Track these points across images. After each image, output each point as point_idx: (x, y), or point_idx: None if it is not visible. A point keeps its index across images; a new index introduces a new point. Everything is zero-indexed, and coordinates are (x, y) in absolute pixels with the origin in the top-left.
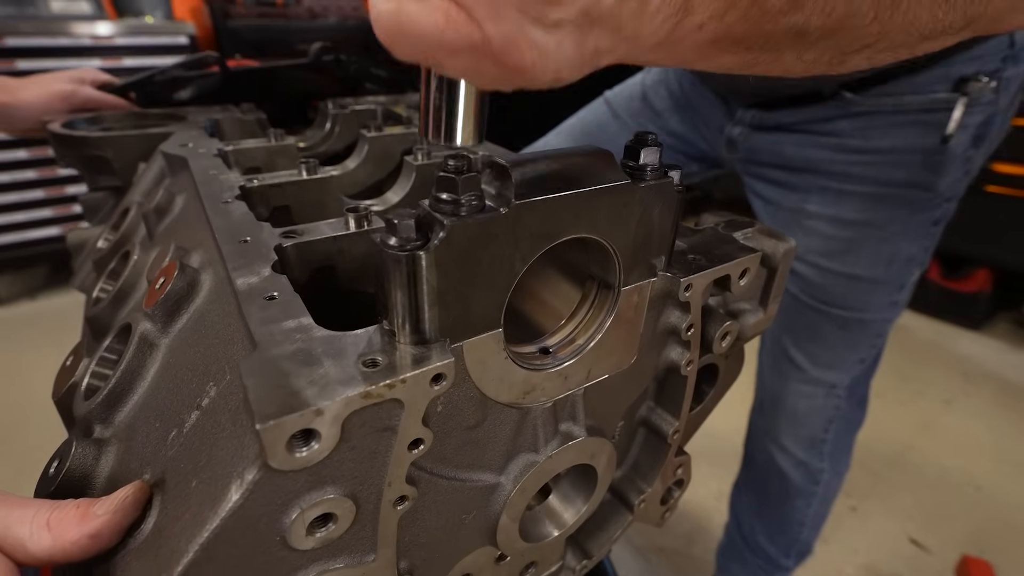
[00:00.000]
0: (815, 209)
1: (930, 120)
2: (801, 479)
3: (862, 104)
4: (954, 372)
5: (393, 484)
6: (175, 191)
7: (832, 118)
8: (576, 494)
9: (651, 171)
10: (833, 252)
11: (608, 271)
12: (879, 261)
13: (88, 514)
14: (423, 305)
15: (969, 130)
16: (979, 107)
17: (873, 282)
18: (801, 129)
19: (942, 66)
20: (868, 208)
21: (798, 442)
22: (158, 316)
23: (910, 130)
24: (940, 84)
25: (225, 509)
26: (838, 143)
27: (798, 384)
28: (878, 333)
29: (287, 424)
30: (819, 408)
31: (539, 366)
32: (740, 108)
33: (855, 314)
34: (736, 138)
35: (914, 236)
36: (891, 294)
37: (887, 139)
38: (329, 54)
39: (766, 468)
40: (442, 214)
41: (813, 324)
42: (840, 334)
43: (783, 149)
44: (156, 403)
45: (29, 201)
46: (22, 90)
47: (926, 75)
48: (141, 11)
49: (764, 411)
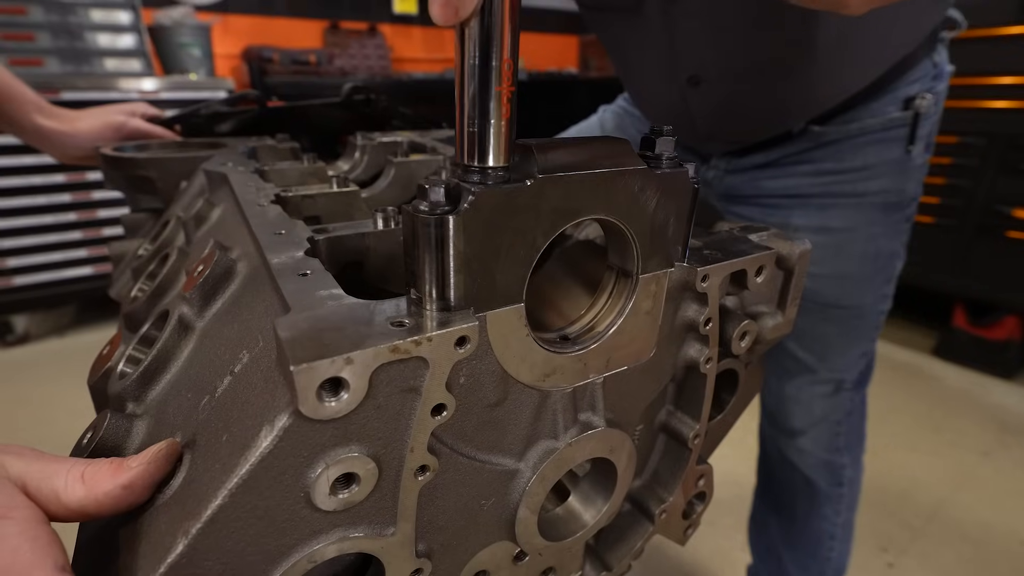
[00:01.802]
0: (800, 223)
1: (891, 136)
2: (826, 481)
3: (829, 134)
4: (990, 422)
5: (415, 451)
6: (214, 201)
7: (804, 151)
8: (596, 494)
9: (667, 160)
10: (821, 259)
11: (626, 258)
12: (866, 259)
13: (122, 467)
14: (449, 270)
15: (923, 139)
16: (927, 119)
17: (863, 279)
18: (776, 164)
19: (891, 91)
20: (849, 216)
21: (817, 440)
22: (195, 300)
23: (876, 147)
24: (892, 106)
25: (255, 455)
26: (814, 168)
27: (810, 386)
28: (876, 325)
29: (319, 369)
30: (834, 406)
31: (559, 349)
32: (712, 156)
33: (854, 310)
34: (711, 180)
35: (892, 234)
36: (881, 287)
37: (859, 158)
38: (360, 94)
39: (788, 482)
40: (470, 183)
41: (816, 325)
42: (842, 330)
43: (761, 184)
44: (189, 379)
45: (67, 242)
46: (79, 120)
47: (880, 101)
48: (186, 69)
49: (776, 420)
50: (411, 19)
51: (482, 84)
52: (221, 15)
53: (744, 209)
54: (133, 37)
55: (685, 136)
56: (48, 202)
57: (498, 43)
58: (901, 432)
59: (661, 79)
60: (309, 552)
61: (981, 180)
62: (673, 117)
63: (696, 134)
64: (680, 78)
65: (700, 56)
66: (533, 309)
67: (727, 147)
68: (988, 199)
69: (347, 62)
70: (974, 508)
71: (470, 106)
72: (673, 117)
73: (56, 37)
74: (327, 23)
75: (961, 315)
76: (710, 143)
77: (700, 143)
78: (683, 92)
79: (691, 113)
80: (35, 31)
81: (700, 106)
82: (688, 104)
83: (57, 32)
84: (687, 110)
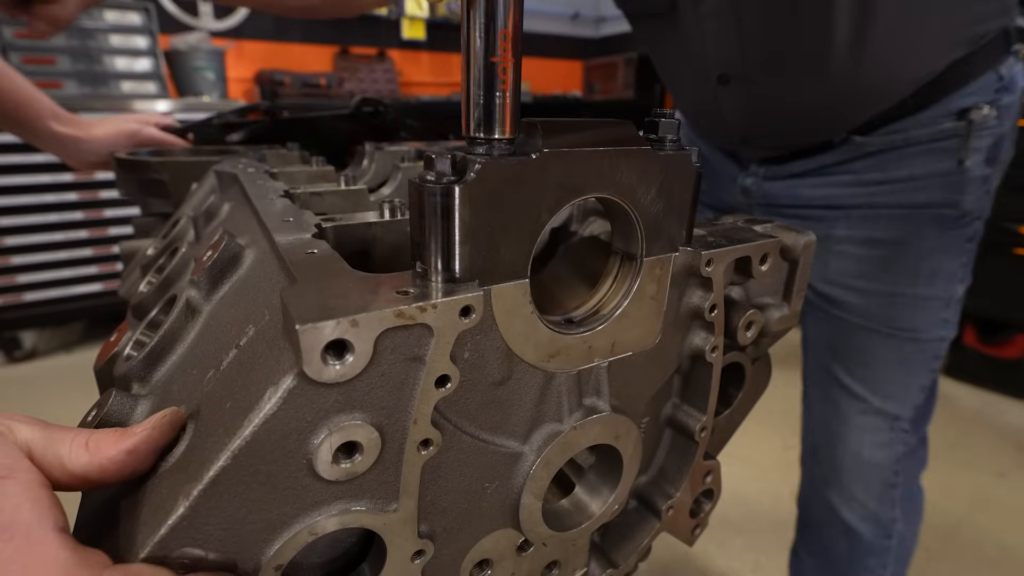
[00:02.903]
0: (844, 233)
1: (941, 147)
2: (872, 533)
3: (872, 144)
4: (1005, 443)
5: (419, 423)
6: (224, 199)
7: (845, 161)
8: (602, 484)
9: (670, 142)
10: (869, 273)
11: (631, 241)
12: (920, 277)
13: (126, 433)
14: (455, 240)
15: (981, 152)
16: (985, 131)
17: (918, 298)
18: (816, 173)
19: (941, 104)
20: (897, 227)
21: (868, 489)
22: (203, 283)
23: (924, 158)
24: (943, 117)
25: (259, 416)
26: (855, 179)
27: (859, 417)
28: (935, 355)
29: (324, 329)
30: (886, 445)
31: (564, 329)
32: (751, 163)
33: (907, 334)
34: (750, 187)
35: (952, 253)
36: (940, 311)
37: (903, 168)
38: (368, 106)
39: (828, 526)
40: (476, 155)
41: (865, 346)
42: (895, 357)
43: (800, 192)
44: (194, 358)
45: (78, 259)
46: (94, 127)
47: (928, 113)
48: (200, 91)
49: (820, 458)
50: (419, 44)
51: (485, 55)
52: (235, 40)
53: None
54: (149, 61)
55: (721, 139)
56: (60, 219)
57: (502, 14)
58: None
59: (694, 79)
60: (310, 523)
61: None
62: (707, 117)
63: (729, 135)
64: (711, 77)
65: (727, 53)
66: (539, 303)
67: (764, 153)
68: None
69: (356, 85)
70: (991, 530)
71: (474, 77)
72: (707, 117)
73: (76, 60)
74: (337, 48)
75: (971, 334)
76: (747, 148)
77: (737, 147)
78: (714, 91)
79: (723, 114)
80: (56, 55)
81: (730, 105)
82: (719, 104)
83: (77, 56)
84: (719, 110)
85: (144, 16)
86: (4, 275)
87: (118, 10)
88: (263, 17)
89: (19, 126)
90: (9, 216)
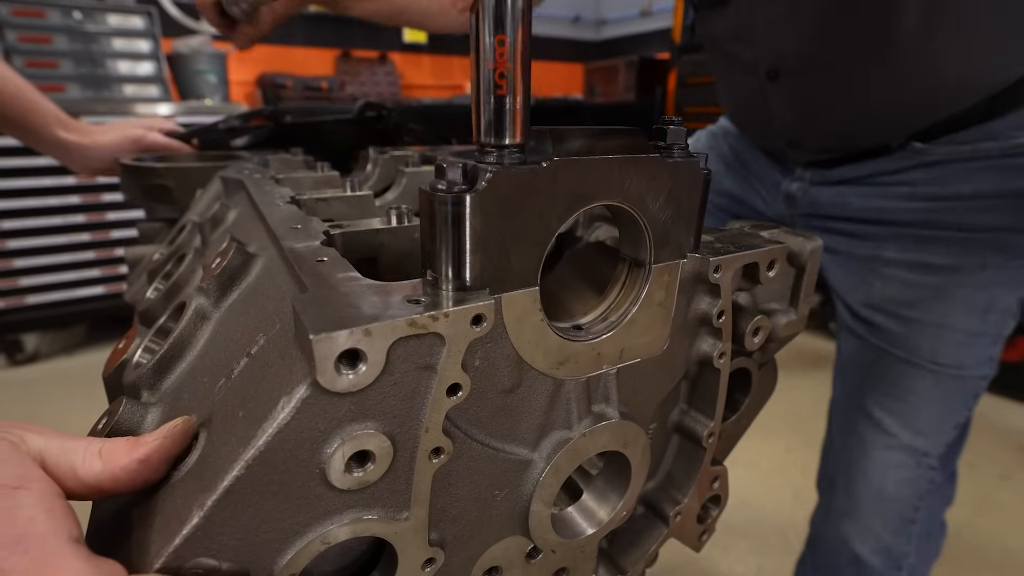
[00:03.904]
0: (893, 256)
1: (1013, 164)
2: (883, 565)
3: (934, 153)
4: (1008, 446)
5: (430, 431)
6: (230, 205)
7: (902, 169)
8: (610, 490)
9: (678, 150)
10: (918, 301)
11: (639, 247)
12: (974, 311)
13: (139, 442)
14: (465, 249)
15: None
16: None
17: (968, 334)
18: (867, 181)
19: (1018, 113)
20: (955, 253)
21: (886, 524)
22: (212, 291)
23: (993, 174)
24: (1018, 130)
25: (272, 426)
26: (910, 192)
27: (885, 452)
28: (975, 393)
29: (338, 339)
30: (910, 481)
31: (573, 336)
32: (798, 166)
33: (951, 370)
34: (795, 193)
35: (1010, 285)
36: (988, 348)
37: (968, 185)
38: (371, 110)
39: (838, 554)
40: (487, 164)
41: (901, 380)
42: (934, 393)
43: (848, 201)
44: (204, 365)
45: (80, 261)
46: (98, 134)
47: (1001, 122)
48: (202, 94)
49: (838, 488)
50: (420, 48)
51: (494, 61)
52: None
53: (828, 238)
54: (152, 64)
55: (767, 140)
56: (62, 222)
57: (511, 21)
58: None
59: (744, 73)
60: (323, 533)
61: None
62: (753, 115)
63: (774, 135)
64: (760, 71)
65: (779, 46)
66: (546, 308)
67: (812, 156)
68: None
69: (358, 88)
70: (994, 533)
71: (483, 83)
72: (753, 115)
73: (79, 64)
74: (339, 51)
75: None
76: (794, 151)
77: (784, 150)
78: (763, 87)
79: (770, 111)
80: (58, 58)
81: (779, 102)
82: (768, 100)
83: (80, 60)
84: (766, 107)
85: (146, 20)
86: (7, 278)
87: (120, 14)
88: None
89: (25, 132)
90: (12, 219)
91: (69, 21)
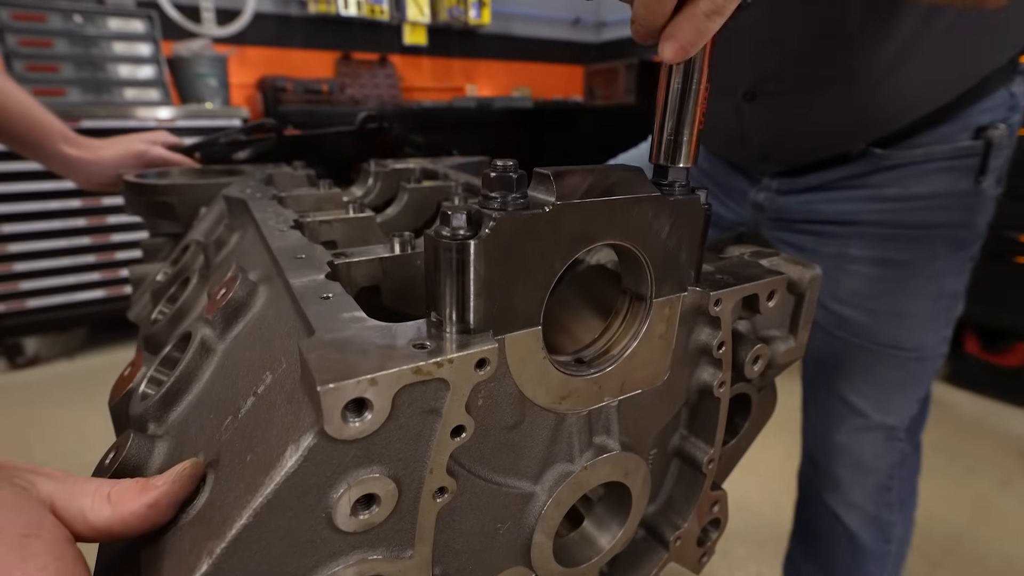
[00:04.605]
0: (858, 253)
1: (960, 166)
2: (872, 538)
3: (892, 157)
4: (1008, 451)
5: (435, 472)
6: (234, 227)
7: (864, 174)
8: (611, 519)
9: (679, 187)
10: (881, 293)
11: (640, 282)
12: (928, 298)
13: (147, 486)
14: (469, 293)
15: (995, 172)
16: (1000, 151)
17: (924, 319)
18: (832, 187)
19: (960, 118)
20: (912, 248)
21: (865, 493)
22: (217, 322)
23: (945, 175)
24: (961, 133)
25: (280, 474)
26: (874, 194)
27: (860, 432)
28: (934, 369)
29: (345, 389)
30: (884, 454)
31: (575, 371)
32: (764, 176)
33: (911, 353)
34: (762, 202)
35: (958, 273)
36: (942, 330)
37: (925, 185)
38: (373, 122)
39: (830, 533)
40: (491, 209)
41: (871, 366)
42: (900, 375)
43: (815, 207)
44: (210, 399)
45: (81, 265)
46: (102, 149)
47: (947, 127)
48: (202, 98)
49: (821, 468)
50: (420, 50)
51: None
52: (238, 47)
53: (796, 237)
54: (152, 68)
55: (738, 156)
56: (63, 226)
57: None
58: None
59: (719, 94)
60: (329, 574)
61: None
62: (727, 135)
63: (749, 153)
64: (737, 93)
65: (757, 69)
66: (546, 333)
67: (781, 167)
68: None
69: (358, 91)
70: (994, 540)
71: None
72: (727, 135)
73: (79, 68)
74: (339, 54)
75: (973, 341)
76: (764, 163)
77: (753, 163)
78: (739, 108)
79: (745, 131)
80: (59, 63)
81: (755, 123)
82: (743, 121)
83: (80, 63)
84: (742, 127)
85: (147, 23)
86: (7, 282)
87: (121, 17)
88: (265, 23)
89: (30, 148)
90: (12, 223)
91: (70, 25)
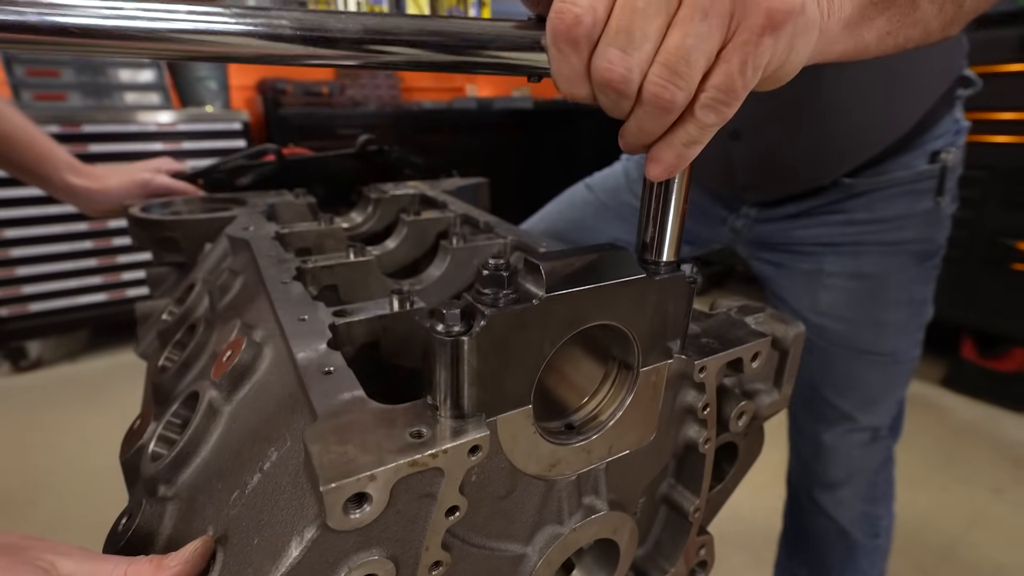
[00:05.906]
0: (833, 268)
1: (920, 188)
2: (864, 534)
3: (860, 185)
4: (1002, 458)
5: (430, 549)
6: (237, 270)
7: (836, 201)
8: (599, 569)
9: (665, 266)
10: (857, 304)
11: (628, 353)
12: (900, 306)
13: (161, 566)
14: (463, 384)
15: (950, 191)
16: (953, 172)
17: (898, 325)
18: (807, 214)
19: (918, 146)
20: (883, 263)
21: (856, 491)
22: (224, 385)
23: (908, 198)
24: (920, 159)
25: (285, 564)
26: (846, 218)
27: (849, 434)
28: (909, 370)
29: (346, 487)
30: (871, 452)
31: (564, 441)
32: (744, 205)
33: (890, 357)
34: (740, 228)
35: (925, 281)
36: (914, 333)
37: (891, 208)
38: (373, 145)
39: (822, 533)
40: (484, 305)
41: (854, 372)
42: (881, 379)
43: (792, 234)
44: (218, 465)
45: (83, 269)
46: (107, 179)
47: (909, 155)
48: (202, 101)
49: (813, 471)
50: None
51: None
52: None
53: (774, 255)
54: (153, 72)
55: (724, 187)
56: (65, 230)
57: None
58: (910, 466)
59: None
60: None
61: (984, 213)
62: (714, 167)
63: (735, 185)
64: (723, 133)
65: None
66: (535, 400)
67: (761, 198)
68: (992, 232)
69: (358, 92)
70: (988, 548)
71: None
72: (714, 167)
73: (80, 73)
74: None
75: (969, 347)
76: (746, 193)
77: (735, 192)
78: (725, 145)
79: (732, 166)
80: (59, 67)
81: (740, 159)
82: (730, 157)
83: (81, 68)
84: (729, 163)
85: None
86: (10, 286)
87: None
88: None
89: (37, 178)
90: (14, 228)
91: None
